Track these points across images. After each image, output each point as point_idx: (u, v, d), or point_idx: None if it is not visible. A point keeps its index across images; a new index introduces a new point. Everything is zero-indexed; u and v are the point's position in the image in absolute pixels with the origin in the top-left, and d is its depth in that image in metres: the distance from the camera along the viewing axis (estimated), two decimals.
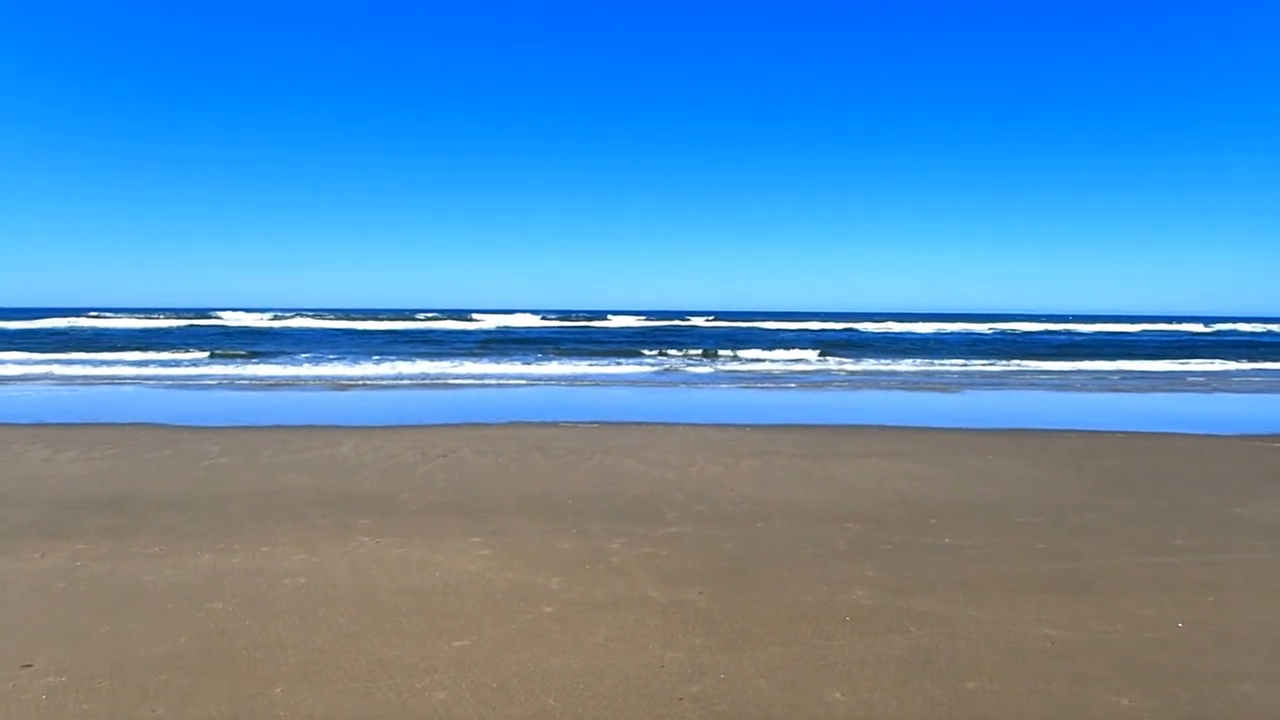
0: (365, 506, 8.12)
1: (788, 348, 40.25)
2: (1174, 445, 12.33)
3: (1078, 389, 22.99)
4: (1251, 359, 36.66)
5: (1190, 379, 27.11)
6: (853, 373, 27.86)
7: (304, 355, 32.83)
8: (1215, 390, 23.17)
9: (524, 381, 22.94)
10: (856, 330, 66.61)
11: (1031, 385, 24.13)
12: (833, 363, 32.66)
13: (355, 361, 29.64)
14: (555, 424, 13.86)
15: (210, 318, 72.12)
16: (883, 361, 33.49)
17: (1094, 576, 6.12)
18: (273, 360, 30.39)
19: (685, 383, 23.27)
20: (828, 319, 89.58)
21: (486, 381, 22.74)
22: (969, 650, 4.78)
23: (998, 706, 4.11)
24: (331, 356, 32.30)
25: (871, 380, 24.86)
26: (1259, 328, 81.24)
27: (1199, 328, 78.21)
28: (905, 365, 31.64)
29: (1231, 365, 33.46)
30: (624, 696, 4.22)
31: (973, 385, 23.89)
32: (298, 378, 23.32)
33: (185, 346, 36.58)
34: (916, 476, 9.71)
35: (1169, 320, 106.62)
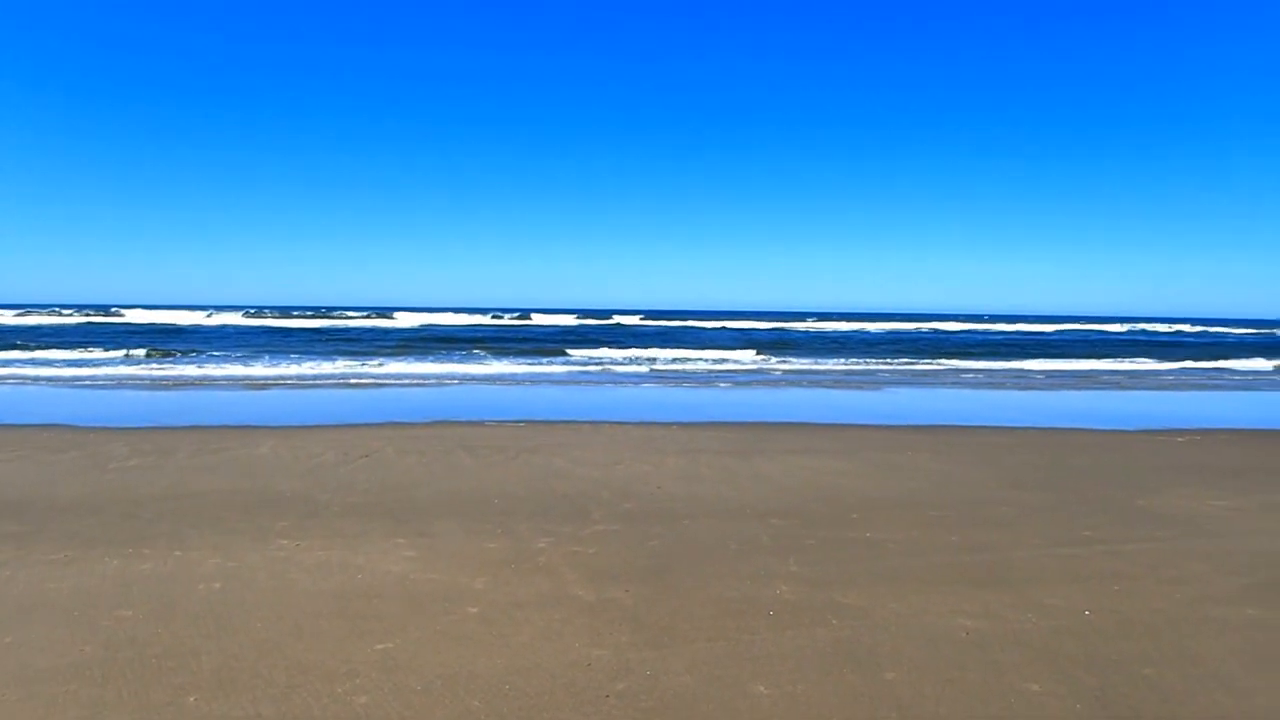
0: (284, 508, 7.92)
1: (719, 347, 40.64)
2: (1082, 440, 12.83)
3: (995, 386, 23.75)
4: (1162, 358, 38.33)
5: (1102, 377, 28.24)
6: (782, 371, 28.27)
7: (220, 353, 31.86)
8: (1123, 387, 24.18)
9: (449, 380, 22.67)
10: (787, 329, 67.59)
11: (952, 384, 24.83)
12: (763, 361, 33.08)
13: (274, 360, 28.88)
14: (481, 423, 13.73)
15: (114, 314, 69.33)
16: (811, 360, 34.05)
17: (1006, 567, 6.33)
18: (187, 359, 29.42)
19: (614, 381, 23.30)
20: (762, 318, 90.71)
21: (410, 380, 22.40)
22: (888, 641, 4.90)
23: (916, 695, 4.23)
24: (249, 355, 31.41)
25: (798, 379, 25.27)
26: (1169, 328, 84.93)
27: (1116, 327, 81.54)
28: (831, 364, 32.23)
29: (1140, 364, 34.95)
30: (550, 695, 4.21)
31: (895, 383, 24.47)
32: (213, 377, 22.61)
33: (91, 344, 35.11)
34: (839, 472, 9.91)
35: (1088, 320, 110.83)
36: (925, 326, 75.91)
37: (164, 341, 38.20)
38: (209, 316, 68.88)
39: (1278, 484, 9.53)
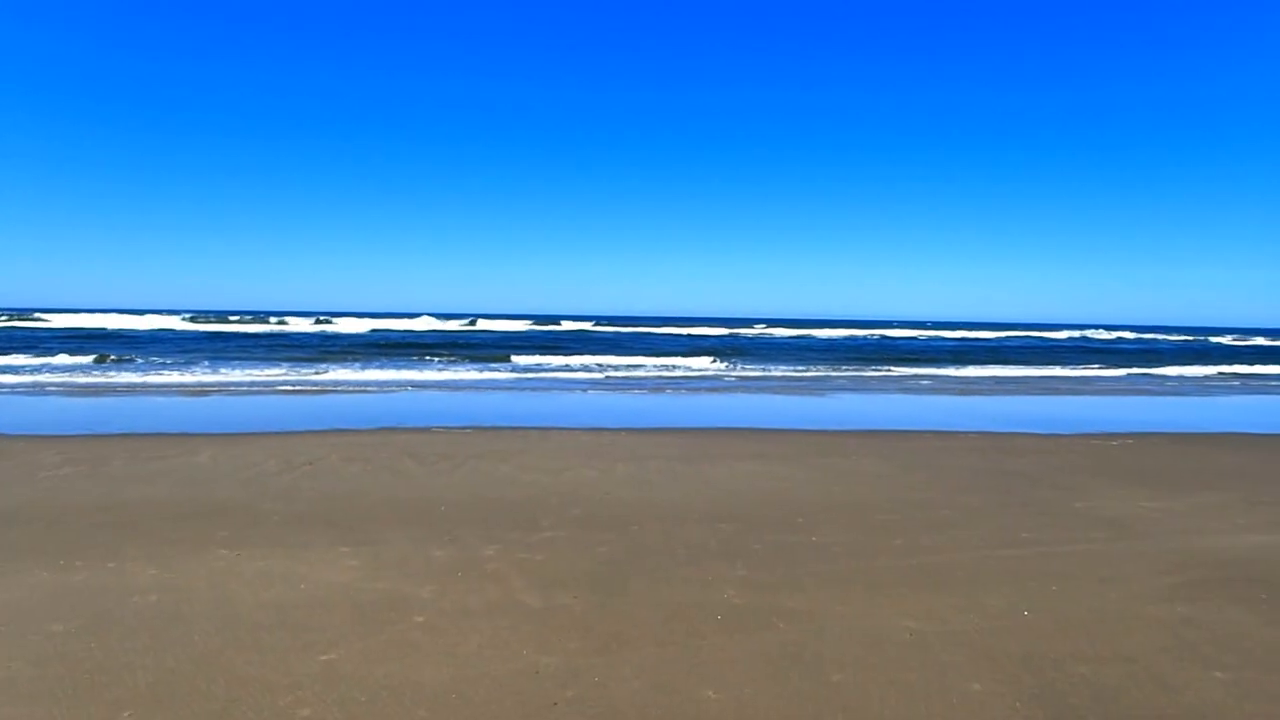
0: (224, 518, 7.75)
1: (671, 353, 40.73)
2: (1022, 444, 13.12)
3: (939, 391, 24.18)
4: (1102, 364, 39.38)
5: (1044, 382, 28.91)
6: (736, 377, 28.45)
7: (156, 359, 31.05)
8: (1063, 393, 24.79)
9: (396, 386, 22.38)
10: (740, 335, 68.03)
11: (897, 389, 25.22)
12: (715, 367, 33.24)
13: (214, 365, 28.24)
14: (428, 429, 13.58)
15: (36, 319, 66.87)
16: (761, 366, 34.33)
17: (948, 570, 6.44)
18: (123, 365, 28.61)
19: (563, 388, 23.23)
20: (715, 324, 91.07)
21: (355, 387, 22.07)
22: (834, 644, 4.95)
23: (861, 696, 4.28)
24: (187, 360, 30.66)
25: (748, 385, 25.44)
26: (1111, 334, 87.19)
27: (1059, 334, 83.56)
28: (780, 370, 32.53)
29: (1083, 371, 35.86)
30: (497, 704, 4.18)
31: (842, 389, 24.78)
32: (150, 383, 22.03)
33: (14, 350, 33.94)
34: (785, 477, 10.00)
35: (1033, 327, 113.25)
36: (872, 333, 77.02)
37: (97, 346, 37.07)
38: (142, 320, 66.92)
39: (1206, 485, 9.85)
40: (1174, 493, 9.41)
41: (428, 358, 35.24)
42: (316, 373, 26.42)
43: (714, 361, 35.98)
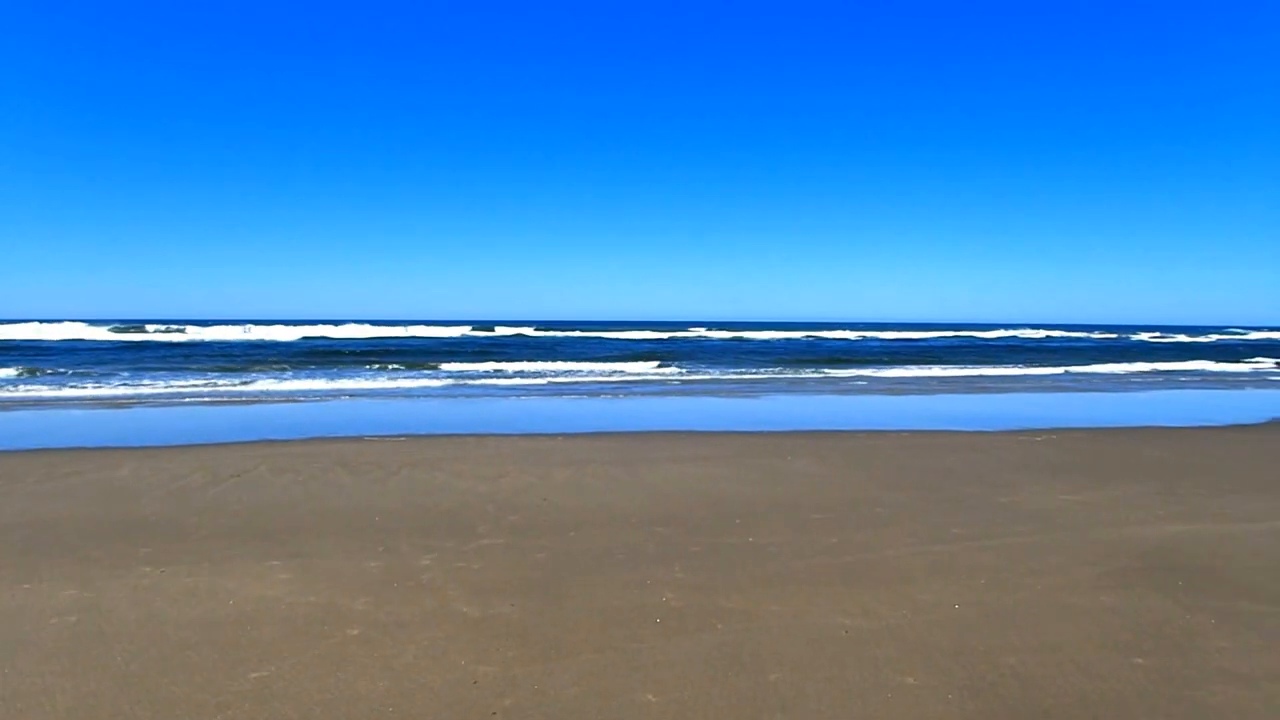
0: (148, 534, 7.49)
1: (613, 358, 40.70)
2: (950, 441, 13.44)
3: (871, 391, 24.62)
4: (1030, 363, 40.50)
5: (974, 382, 29.65)
6: (678, 381, 28.55)
7: (75, 370, 29.92)
8: (991, 391, 25.46)
9: (328, 395, 21.95)
10: (682, 339, 68.32)
11: (831, 390, 25.61)
12: (657, 371, 33.31)
13: (135, 377, 27.33)
14: (361, 438, 13.34)
15: None
16: (702, 370, 34.52)
17: (881, 566, 6.56)
18: (38, 378, 27.51)
19: (502, 394, 23.04)
20: (656, 328, 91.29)
21: (286, 397, 21.57)
22: (771, 643, 5.00)
23: (798, 694, 4.33)
24: (106, 372, 29.61)
25: (687, 389, 25.57)
26: (1040, 334, 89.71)
27: (990, 334, 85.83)
28: (716, 373, 32.76)
29: (1010, 370, 36.88)
30: (435, 716, 4.12)
31: (778, 390, 25.07)
32: (65, 396, 21.22)
33: None
34: (722, 479, 10.07)
35: (964, 328, 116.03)
36: (808, 335, 78.10)
37: (12, 360, 35.55)
38: (55, 329, 64.30)
39: (1125, 478, 10.21)
40: (1096, 485, 9.73)
41: (361, 365, 34.63)
42: (243, 383, 25.74)
43: (659, 366, 36.05)
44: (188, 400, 20.27)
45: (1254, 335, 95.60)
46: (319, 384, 25.38)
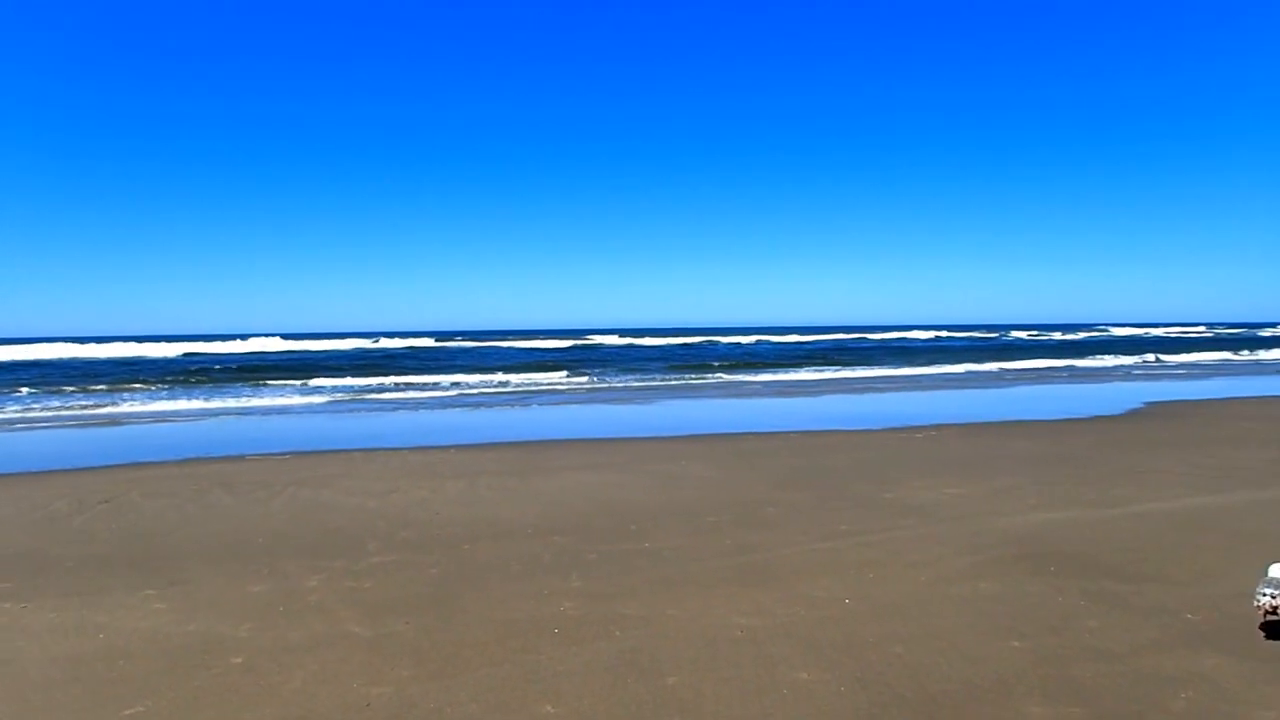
0: (7, 567, 6.99)
1: (505, 368, 40.23)
2: (838, 441, 13.84)
3: (763, 394, 25.13)
4: (914, 364, 42.03)
5: (861, 383, 30.60)
6: (585, 391, 28.45)
7: None
8: (876, 391, 26.35)
9: (207, 414, 21.00)
10: (579, 346, 68.10)
11: (728, 394, 26.01)
12: (568, 380, 33.11)
13: None
14: (242, 457, 12.81)
15: None
16: (605, 377, 34.50)
17: (774, 565, 6.70)
18: None
19: (394, 406, 22.50)
20: (559, 336, 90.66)
21: (160, 416, 20.52)
22: (669, 647, 5.03)
23: (697, 696, 4.37)
24: None
25: (592, 397, 25.53)
26: (929, 334, 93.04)
27: (879, 336, 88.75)
28: (610, 380, 32.82)
29: (893, 371, 38.20)
30: None
31: (675, 395, 25.32)
32: None
33: None
34: (617, 486, 10.10)
35: (852, 330, 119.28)
36: (704, 340, 79.20)
37: None
38: None
39: (999, 470, 10.72)
40: (972, 478, 10.18)
41: (245, 381, 33.23)
42: (114, 404, 24.34)
43: (554, 374, 35.78)
44: (50, 423, 19.04)
45: (1119, 331, 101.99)
46: (196, 403, 24.22)
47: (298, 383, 32.35)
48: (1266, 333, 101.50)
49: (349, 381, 32.81)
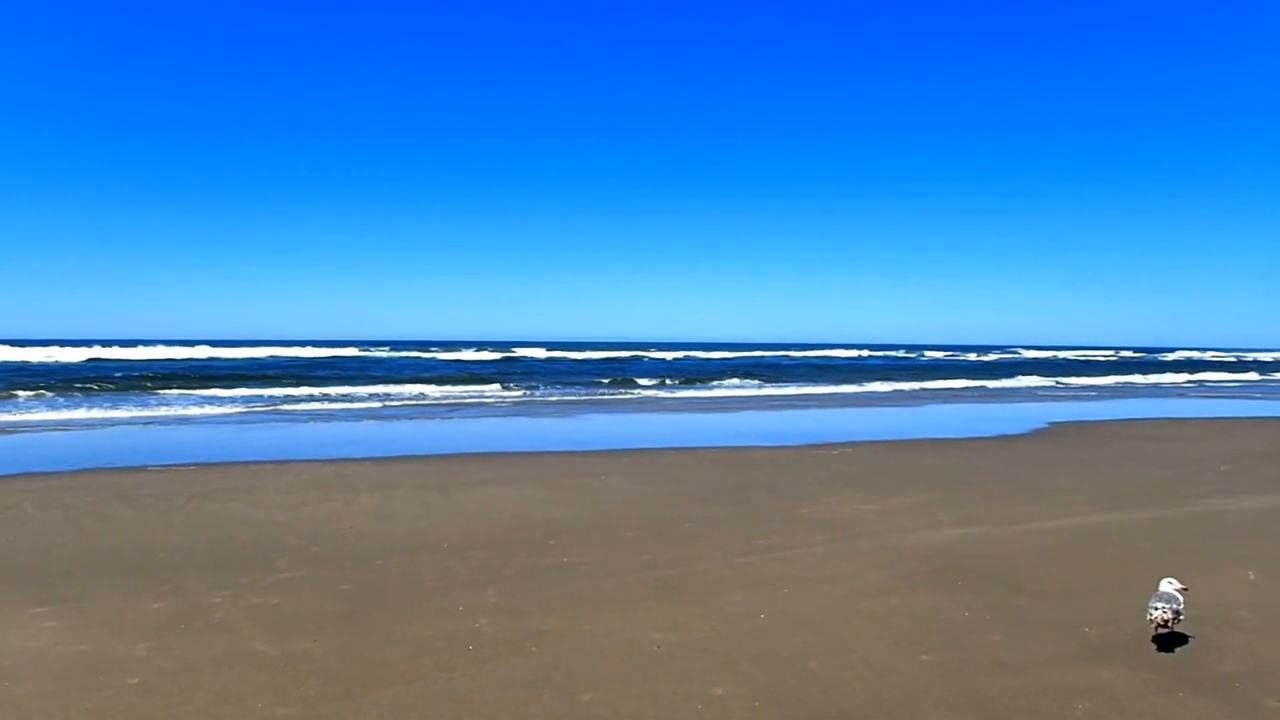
0: None
1: (425, 380, 39.55)
2: (757, 457, 14.01)
3: (686, 410, 25.28)
4: (832, 382, 42.72)
5: (782, 400, 31.03)
6: (496, 402, 28.13)
7: None
8: (796, 407, 26.76)
9: (109, 423, 20.13)
10: (504, 359, 67.41)
11: (650, 409, 26.09)
12: (468, 391, 32.67)
13: None
14: (143, 469, 12.31)
15: None
16: (518, 390, 34.20)
17: (691, 580, 6.73)
18: None
19: (306, 418, 21.90)
20: (484, 348, 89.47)
21: (54, 425, 19.59)
22: (585, 662, 5.00)
23: (612, 712, 4.35)
24: None
25: (499, 410, 25.29)
26: (852, 353, 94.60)
27: (799, 353, 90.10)
28: (534, 394, 32.60)
29: (812, 389, 38.85)
30: None
31: (594, 410, 25.28)
32: None
33: None
34: (537, 500, 10.02)
35: (775, 347, 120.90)
36: (630, 354, 79.28)
37: None
38: None
39: (910, 487, 10.99)
40: (885, 495, 10.41)
41: (153, 389, 31.92)
42: (8, 411, 23.08)
43: (493, 388, 35.26)
44: None
45: (1030, 354, 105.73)
46: (98, 411, 23.18)
47: (208, 391, 31.22)
48: (1167, 356, 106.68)
49: (262, 391, 31.80)
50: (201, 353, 66.17)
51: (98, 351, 62.89)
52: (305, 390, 31.98)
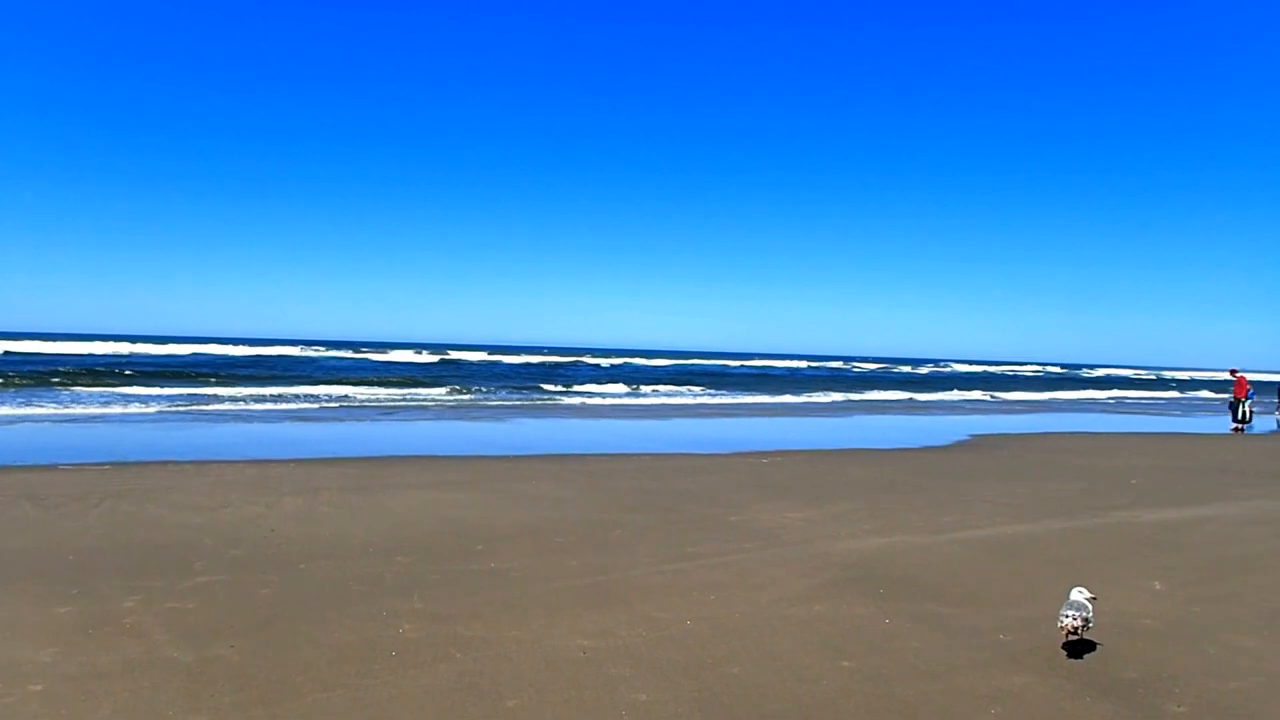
0: None
1: (351, 381, 38.84)
2: (688, 464, 14.09)
3: (620, 415, 25.29)
4: (766, 392, 43.18)
5: (716, 408, 31.24)
6: (426, 405, 27.74)
7: None
8: (729, 415, 26.96)
9: (15, 420, 19.31)
10: (453, 361, 66.57)
11: (585, 414, 26.01)
12: (397, 394, 32.17)
13: None
14: (54, 467, 11.85)
15: None
16: (450, 392, 33.80)
17: (620, 586, 6.73)
18: None
19: (229, 418, 21.32)
20: (417, 349, 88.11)
21: None
22: (510, 669, 4.97)
23: (535, 719, 4.33)
24: None
25: (430, 413, 24.98)
26: (789, 364, 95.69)
27: (735, 363, 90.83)
28: (468, 397, 32.26)
29: (754, 399, 39.19)
30: None
31: (526, 414, 25.13)
32: None
33: None
34: (466, 504, 9.93)
35: (709, 356, 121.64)
36: (570, 360, 79.02)
37: None
38: None
39: (837, 496, 11.17)
40: (812, 503, 10.56)
41: (68, 384, 30.71)
42: None
43: (427, 390, 34.75)
44: None
45: (960, 367, 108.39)
46: (7, 408, 22.22)
47: (128, 389, 30.18)
48: (1090, 373, 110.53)
49: (185, 390, 30.85)
50: (123, 349, 63.87)
51: (8, 345, 60.40)
52: (230, 390, 31.11)
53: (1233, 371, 27.07)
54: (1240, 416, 26.42)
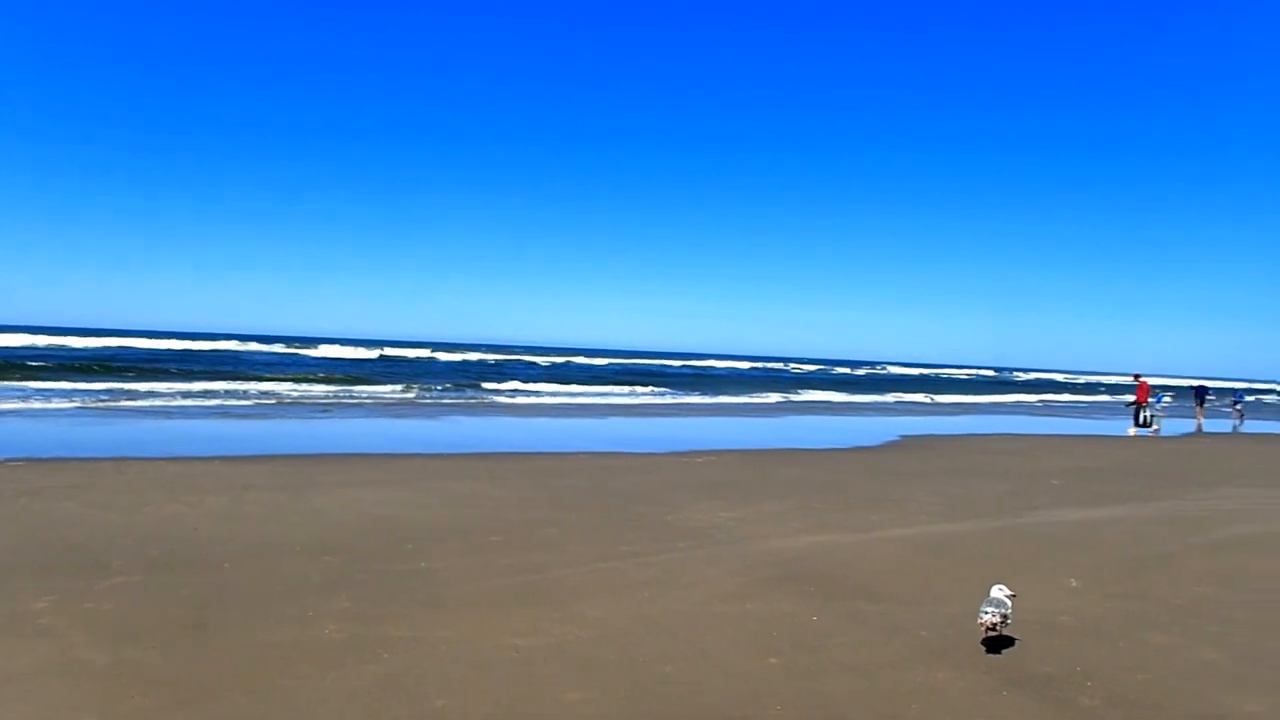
0: None
1: (275, 377, 37.97)
2: (623, 463, 14.12)
3: (556, 414, 25.22)
4: (704, 392, 43.39)
5: (652, 408, 31.33)
6: (350, 402, 27.26)
7: None
8: (663, 415, 27.07)
9: None
10: (391, 358, 65.37)
11: (519, 413, 25.87)
12: (322, 390, 31.55)
13: None
14: None
15: None
16: (381, 389, 33.28)
17: (553, 585, 6.73)
18: None
19: (152, 414, 20.67)
20: (365, 345, 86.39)
21: None
22: (438, 669, 4.93)
23: (463, 719, 4.30)
24: None
25: (356, 411, 24.59)
26: (729, 364, 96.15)
27: (676, 363, 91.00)
28: (396, 394, 31.82)
29: (690, 399, 39.38)
30: None
31: (458, 412, 24.90)
32: None
33: None
34: (396, 503, 9.80)
35: (654, 356, 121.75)
36: (501, 358, 78.36)
37: None
38: None
39: (770, 495, 11.31)
40: (745, 502, 10.68)
41: None
42: None
43: (360, 386, 34.08)
44: None
45: (896, 369, 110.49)
46: None
47: (45, 384, 29.04)
48: (1021, 376, 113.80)
49: (107, 385, 29.76)
50: (40, 340, 61.35)
51: None
52: (155, 385, 30.10)
53: (1135, 376, 27.48)
54: (1142, 421, 26.26)
